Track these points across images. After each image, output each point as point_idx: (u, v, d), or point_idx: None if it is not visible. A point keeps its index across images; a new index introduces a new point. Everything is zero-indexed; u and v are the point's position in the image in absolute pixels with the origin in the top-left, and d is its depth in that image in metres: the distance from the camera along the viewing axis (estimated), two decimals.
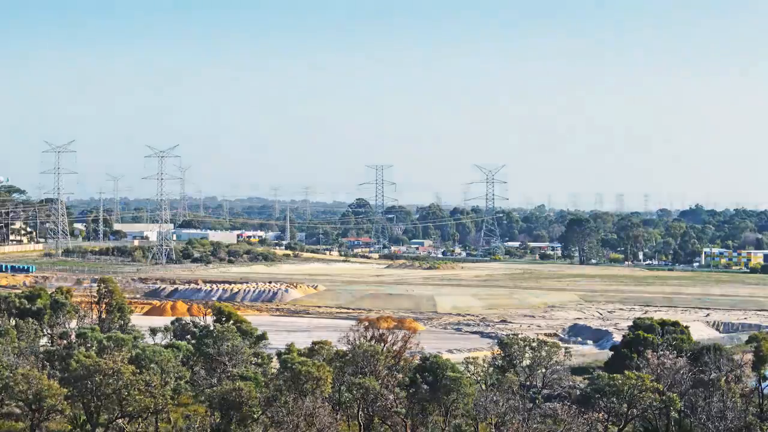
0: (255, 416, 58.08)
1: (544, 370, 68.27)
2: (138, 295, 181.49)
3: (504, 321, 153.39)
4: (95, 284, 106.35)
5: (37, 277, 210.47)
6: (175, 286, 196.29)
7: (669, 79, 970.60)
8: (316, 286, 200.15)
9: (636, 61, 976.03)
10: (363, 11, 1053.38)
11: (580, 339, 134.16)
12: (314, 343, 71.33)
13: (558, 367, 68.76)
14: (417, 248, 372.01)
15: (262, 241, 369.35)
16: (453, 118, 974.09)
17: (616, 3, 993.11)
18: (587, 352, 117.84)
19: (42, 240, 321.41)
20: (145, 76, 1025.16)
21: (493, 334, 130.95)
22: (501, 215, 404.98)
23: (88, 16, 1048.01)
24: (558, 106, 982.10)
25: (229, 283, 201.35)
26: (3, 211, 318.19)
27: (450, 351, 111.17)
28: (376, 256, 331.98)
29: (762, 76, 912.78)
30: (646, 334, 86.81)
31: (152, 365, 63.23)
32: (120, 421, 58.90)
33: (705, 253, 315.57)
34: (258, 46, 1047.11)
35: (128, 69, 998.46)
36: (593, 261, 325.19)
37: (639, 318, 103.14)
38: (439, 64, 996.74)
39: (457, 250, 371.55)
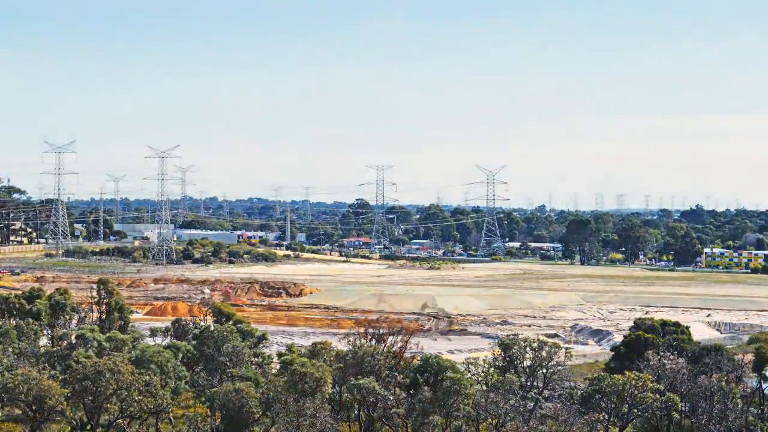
0: (255, 417, 58.00)
1: (544, 371, 68.11)
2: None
3: (505, 321, 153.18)
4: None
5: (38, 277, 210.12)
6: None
7: (670, 77, 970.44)
8: (317, 286, 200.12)
9: (634, 58, 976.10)
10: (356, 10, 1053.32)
11: (580, 339, 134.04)
12: (315, 344, 71.31)
13: (559, 368, 68.60)
14: (418, 249, 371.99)
15: (263, 242, 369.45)
16: (453, 118, 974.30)
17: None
18: (588, 353, 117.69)
19: (42, 241, 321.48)
20: (146, 75, 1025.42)
21: (494, 335, 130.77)
22: (502, 216, 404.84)
23: (86, 16, 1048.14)
24: (559, 106, 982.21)
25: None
26: (3, 211, 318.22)
27: (450, 351, 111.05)
28: (377, 256, 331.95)
29: (763, 74, 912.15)
30: (646, 335, 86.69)
31: (152, 366, 63.14)
32: (120, 422, 58.79)
33: (706, 253, 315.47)
34: (258, 46, 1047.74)
35: (129, 69, 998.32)
36: (594, 261, 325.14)
37: (640, 318, 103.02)
38: (440, 63, 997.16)
39: (458, 250, 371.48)
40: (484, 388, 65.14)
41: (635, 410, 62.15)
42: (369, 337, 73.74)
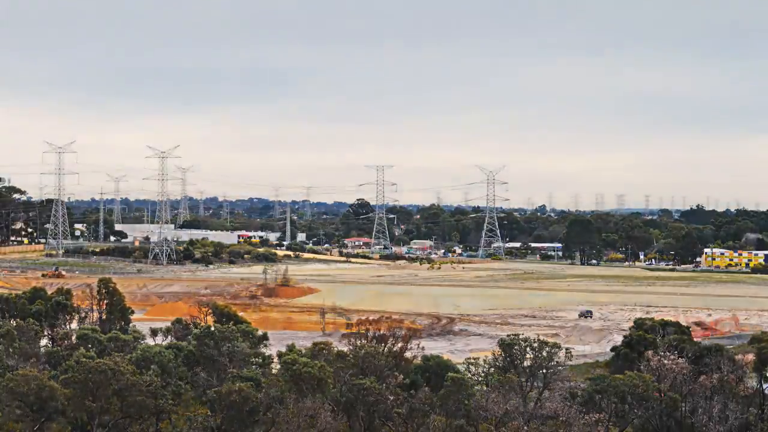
0: (256, 417, 58.01)
1: (545, 371, 68.08)
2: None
3: (505, 321, 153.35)
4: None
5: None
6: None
7: (670, 76, 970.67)
8: (317, 286, 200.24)
9: (635, 58, 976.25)
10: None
11: (581, 339, 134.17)
12: (315, 344, 71.36)
13: (559, 368, 68.58)
14: (418, 249, 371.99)
15: (263, 242, 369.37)
16: (454, 118, 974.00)
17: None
18: (588, 353, 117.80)
19: (43, 241, 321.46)
20: (146, 75, 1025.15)
21: (494, 335, 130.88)
22: (502, 216, 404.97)
23: (87, 17, 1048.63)
24: (559, 106, 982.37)
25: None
26: (4, 211, 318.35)
27: (451, 351, 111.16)
28: (377, 256, 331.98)
29: (763, 73, 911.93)
30: (647, 335, 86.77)
31: (153, 366, 63.16)
32: (121, 422, 58.83)
33: (706, 253, 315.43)
34: (259, 44, 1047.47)
35: (128, 69, 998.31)
36: (594, 261, 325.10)
37: (640, 318, 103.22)
38: (441, 63, 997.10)
39: (458, 250, 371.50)
40: (485, 388, 65.19)
41: (636, 410, 62.20)
42: (369, 337, 73.76)
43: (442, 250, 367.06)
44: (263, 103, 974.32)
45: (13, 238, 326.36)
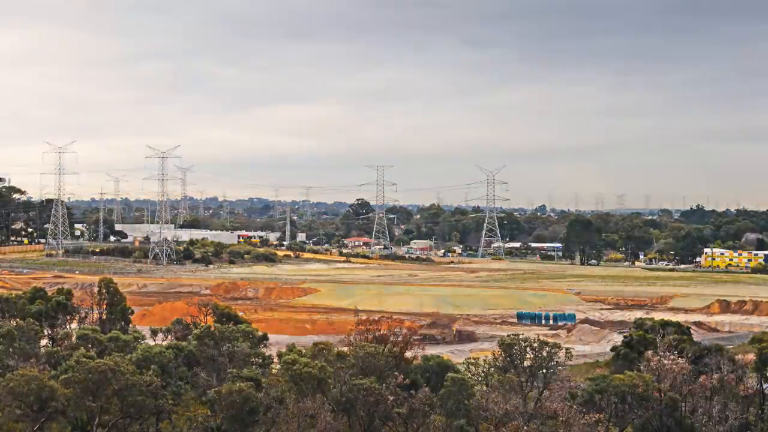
0: (256, 417, 58.03)
1: (545, 371, 68.04)
2: None
3: (504, 321, 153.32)
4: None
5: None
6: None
7: (668, 78, 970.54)
8: (317, 287, 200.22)
9: (633, 59, 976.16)
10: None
11: (581, 339, 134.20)
12: (315, 344, 71.36)
13: (559, 368, 68.55)
14: (418, 249, 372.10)
15: (264, 242, 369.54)
16: (454, 118, 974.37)
17: None
18: (588, 353, 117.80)
19: (43, 241, 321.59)
20: (145, 75, 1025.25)
21: (494, 335, 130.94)
22: (502, 216, 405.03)
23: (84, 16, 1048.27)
24: (557, 105, 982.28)
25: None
26: (4, 211, 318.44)
27: (451, 352, 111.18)
28: (377, 256, 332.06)
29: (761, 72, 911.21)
30: (647, 335, 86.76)
31: (153, 366, 63.16)
32: (121, 422, 58.83)
33: (706, 253, 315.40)
34: (258, 44, 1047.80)
35: (131, 68, 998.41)
36: (594, 261, 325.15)
37: (640, 318, 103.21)
38: (440, 63, 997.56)
39: (458, 250, 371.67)
40: (485, 388, 65.19)
41: (636, 410, 62.21)
42: (370, 337, 73.77)
43: (442, 250, 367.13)
44: None
45: (13, 238, 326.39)
